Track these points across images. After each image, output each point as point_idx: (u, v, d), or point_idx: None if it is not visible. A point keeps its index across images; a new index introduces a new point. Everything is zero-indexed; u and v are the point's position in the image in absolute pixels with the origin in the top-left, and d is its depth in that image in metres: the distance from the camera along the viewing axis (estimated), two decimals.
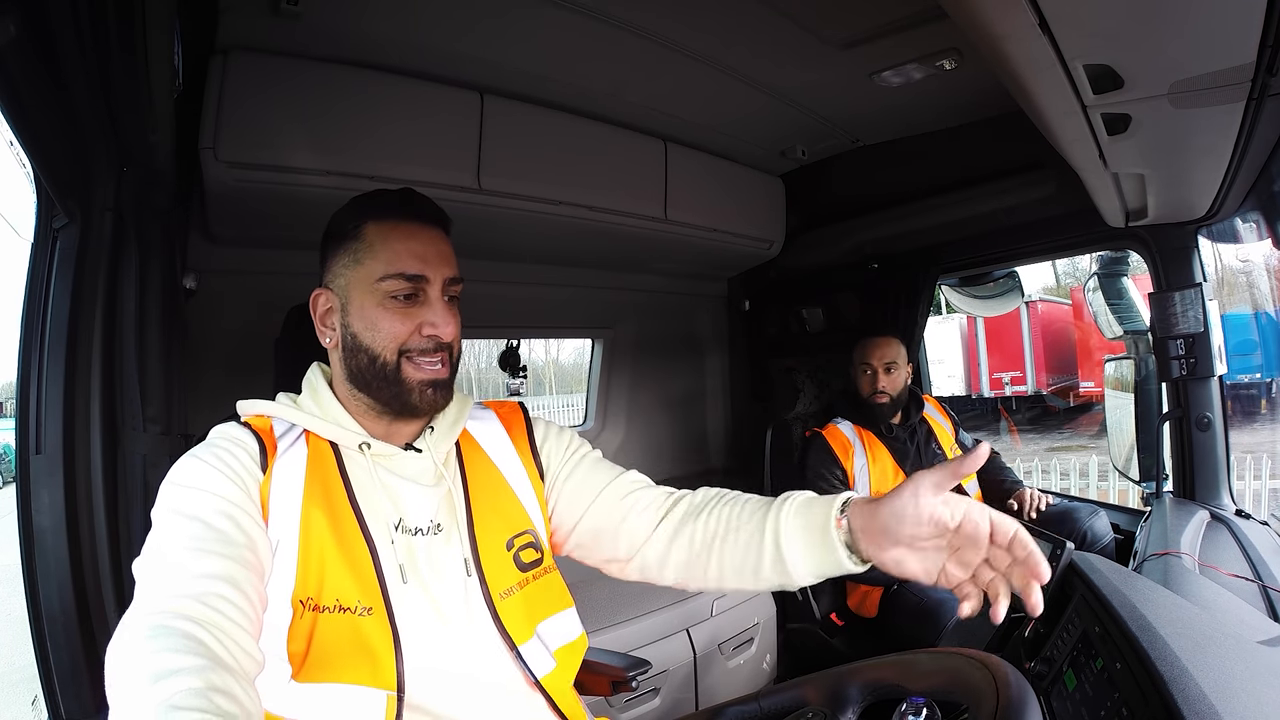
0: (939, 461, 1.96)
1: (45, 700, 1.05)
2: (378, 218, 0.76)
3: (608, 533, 0.85)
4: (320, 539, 0.71)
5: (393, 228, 0.76)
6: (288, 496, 0.72)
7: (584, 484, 0.87)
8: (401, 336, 0.75)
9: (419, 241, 0.76)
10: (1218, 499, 1.65)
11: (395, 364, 0.75)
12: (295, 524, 0.70)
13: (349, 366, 0.77)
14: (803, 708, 0.68)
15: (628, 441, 2.75)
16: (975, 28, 0.79)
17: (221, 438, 0.73)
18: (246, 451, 0.72)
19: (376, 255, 0.75)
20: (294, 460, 0.74)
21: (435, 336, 0.76)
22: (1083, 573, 0.93)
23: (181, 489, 0.67)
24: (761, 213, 2.41)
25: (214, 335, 1.61)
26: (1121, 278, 2.21)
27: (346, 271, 0.76)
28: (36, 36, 0.84)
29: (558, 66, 1.59)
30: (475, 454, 0.86)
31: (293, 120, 1.38)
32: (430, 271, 0.76)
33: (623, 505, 0.84)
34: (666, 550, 0.81)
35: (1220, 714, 0.56)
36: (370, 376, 0.76)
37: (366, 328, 0.75)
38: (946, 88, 1.72)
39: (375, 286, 0.75)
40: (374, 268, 0.75)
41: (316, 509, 0.72)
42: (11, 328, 1.08)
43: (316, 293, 0.79)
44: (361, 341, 0.76)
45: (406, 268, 0.75)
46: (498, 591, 0.78)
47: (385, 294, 0.75)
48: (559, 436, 0.91)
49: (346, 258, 0.76)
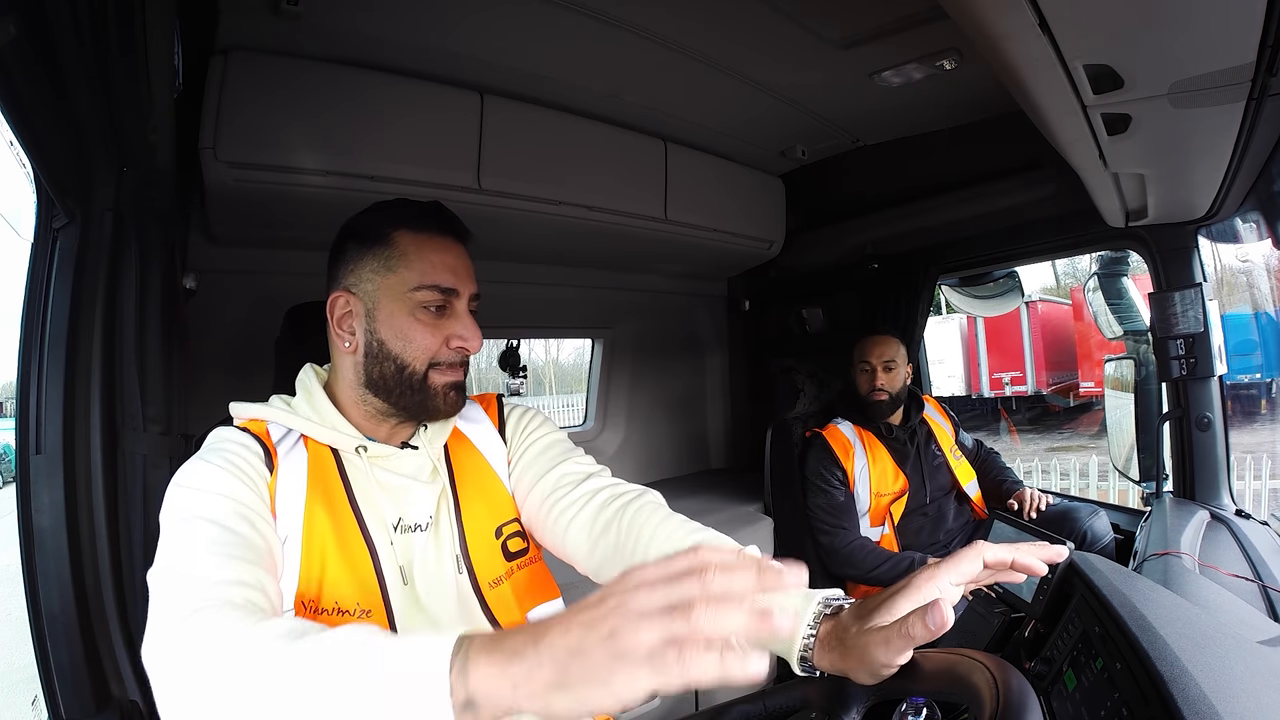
0: (939, 462, 1.98)
1: (45, 700, 1.05)
2: (412, 227, 0.76)
3: (539, 519, 0.83)
4: (322, 541, 0.71)
5: (427, 239, 0.76)
6: (292, 498, 0.72)
7: (530, 466, 0.86)
8: (432, 349, 0.76)
9: (452, 255, 0.77)
10: (1218, 499, 1.65)
11: (423, 374, 0.76)
12: (299, 525, 0.71)
13: (369, 372, 0.77)
14: (805, 708, 0.68)
15: (627, 442, 2.75)
16: (975, 28, 0.79)
17: (225, 440, 0.72)
18: (254, 453, 0.72)
19: (411, 264, 0.75)
20: (296, 463, 0.74)
21: (464, 349, 0.78)
22: (1083, 573, 0.93)
23: (193, 492, 0.66)
24: (761, 213, 2.41)
25: (214, 335, 1.61)
26: (1121, 278, 2.21)
27: (375, 277, 0.76)
28: (36, 37, 0.83)
29: (558, 66, 1.59)
30: (463, 447, 0.86)
31: (293, 120, 1.38)
32: (461, 285, 0.77)
33: (554, 492, 0.82)
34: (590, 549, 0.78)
35: (1220, 714, 0.56)
36: (394, 384, 0.76)
37: (396, 337, 0.76)
38: (946, 88, 1.72)
39: (408, 296, 0.75)
40: (407, 277, 0.75)
41: (319, 511, 0.72)
42: (11, 328, 1.08)
43: (335, 295, 0.78)
44: (390, 350, 0.76)
45: (441, 280, 0.76)
46: (486, 581, 0.79)
47: (417, 304, 0.75)
48: (522, 418, 0.91)
49: (375, 262, 0.76)
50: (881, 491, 1.92)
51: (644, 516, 0.77)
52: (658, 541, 0.74)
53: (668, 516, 0.77)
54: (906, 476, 1.93)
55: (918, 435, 2.00)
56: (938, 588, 0.59)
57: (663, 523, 0.76)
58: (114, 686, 1.07)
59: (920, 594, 0.59)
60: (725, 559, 0.40)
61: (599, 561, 0.78)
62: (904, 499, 1.92)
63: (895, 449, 1.97)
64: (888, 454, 1.96)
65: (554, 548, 0.83)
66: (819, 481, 1.93)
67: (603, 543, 0.77)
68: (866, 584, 1.86)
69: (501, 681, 0.40)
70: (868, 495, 1.92)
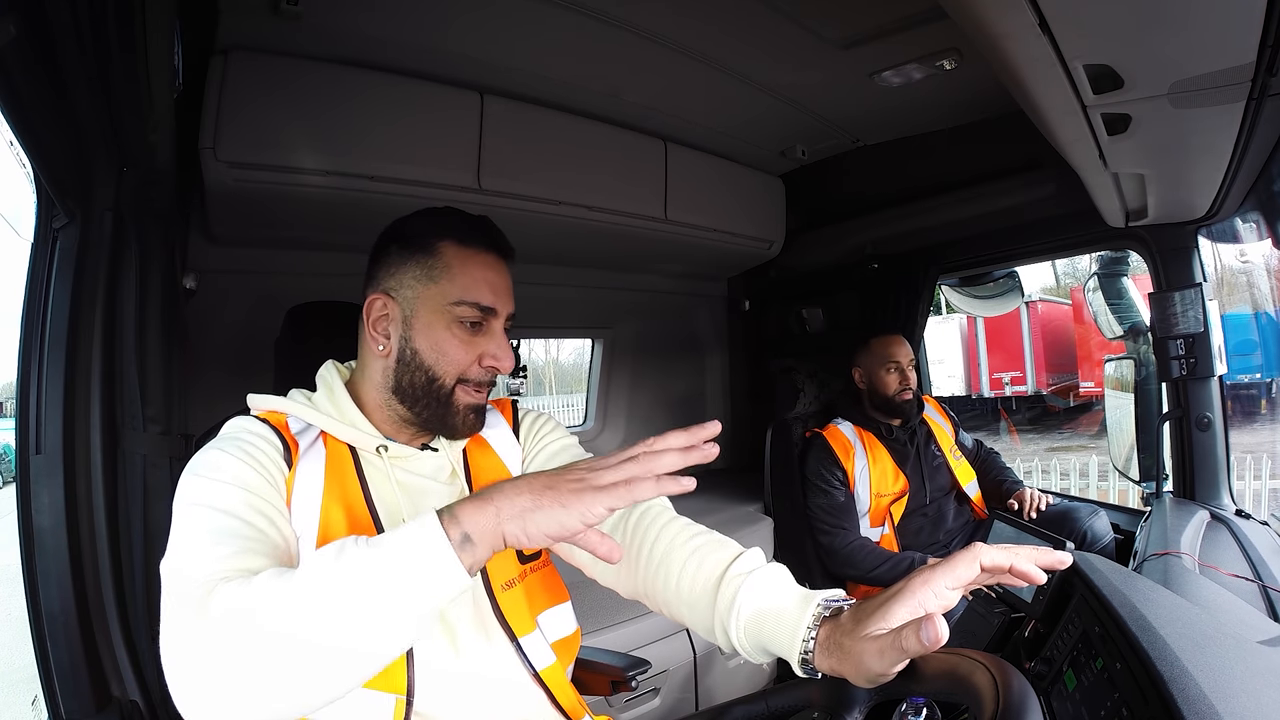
0: (939, 462, 1.98)
1: (45, 700, 1.05)
2: (459, 239, 0.76)
3: None
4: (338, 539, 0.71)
5: (473, 254, 0.76)
6: (309, 496, 0.71)
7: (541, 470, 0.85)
8: (464, 365, 0.76)
9: (495, 273, 0.77)
10: (1218, 499, 1.65)
11: (450, 389, 0.76)
12: (315, 523, 0.70)
13: (399, 378, 0.77)
14: (807, 708, 0.68)
15: (628, 441, 2.72)
16: (975, 28, 0.79)
17: (245, 431, 0.71)
18: (273, 446, 0.71)
19: (454, 278, 0.75)
20: (314, 460, 0.74)
21: (495, 369, 0.78)
22: (1083, 573, 0.93)
23: (212, 482, 0.64)
24: (761, 213, 2.41)
25: (214, 335, 1.61)
26: (1121, 278, 2.21)
27: (417, 285, 0.76)
28: (36, 37, 0.83)
29: (558, 66, 1.59)
30: (482, 450, 0.86)
31: (293, 120, 1.38)
32: (500, 305, 0.77)
33: None
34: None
35: (1220, 714, 0.56)
36: (420, 394, 0.76)
37: (431, 348, 0.75)
38: (946, 88, 1.72)
39: (447, 308, 0.75)
40: (449, 289, 0.75)
41: (336, 510, 0.72)
42: (11, 328, 1.08)
43: (373, 297, 0.77)
44: (423, 360, 0.76)
45: (482, 298, 0.75)
46: (499, 584, 0.78)
47: (455, 318, 0.75)
48: (535, 422, 0.91)
49: (418, 270, 0.76)
50: (881, 492, 1.92)
51: (648, 520, 0.77)
52: (662, 544, 0.74)
53: (672, 520, 0.77)
54: (906, 477, 1.93)
55: (918, 435, 2.00)
56: (933, 592, 0.58)
57: (666, 526, 0.76)
58: (114, 686, 1.07)
59: (915, 599, 0.58)
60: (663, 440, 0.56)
61: (605, 565, 0.77)
62: (904, 499, 1.92)
63: (895, 449, 1.97)
64: (888, 454, 1.95)
65: (562, 551, 0.82)
66: (819, 482, 1.93)
67: None
68: (866, 584, 1.86)
69: (486, 512, 0.52)
70: (868, 495, 1.92)
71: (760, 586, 0.67)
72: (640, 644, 1.63)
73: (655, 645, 1.69)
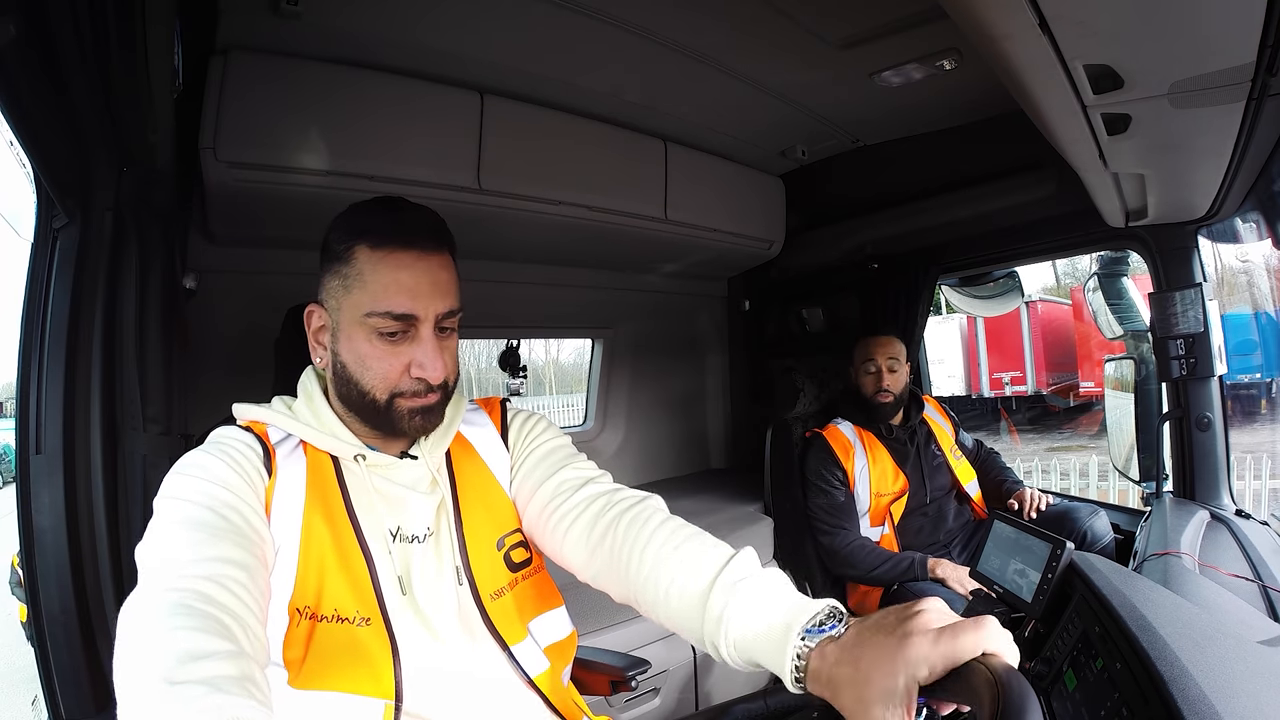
0: (939, 462, 1.98)
1: (45, 700, 1.05)
2: (371, 242, 0.70)
3: (539, 527, 0.81)
4: (320, 548, 0.71)
5: (384, 256, 0.70)
6: (290, 504, 0.71)
7: (531, 473, 0.83)
8: (392, 379, 0.72)
9: (411, 273, 0.70)
10: (1218, 499, 1.65)
11: (385, 401, 0.73)
12: (296, 532, 0.70)
13: (338, 390, 0.76)
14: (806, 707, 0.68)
15: (628, 442, 2.75)
16: (975, 28, 0.79)
17: (227, 438, 0.72)
18: (255, 453, 0.71)
19: (365, 286, 0.70)
20: (294, 469, 0.74)
21: (424, 379, 0.73)
22: (1083, 573, 0.93)
23: (190, 479, 0.66)
24: (761, 213, 2.41)
25: (214, 335, 1.62)
26: (1121, 278, 2.21)
27: (338, 295, 0.72)
28: (36, 36, 0.83)
29: (558, 66, 1.59)
30: (466, 455, 0.84)
31: (292, 120, 1.38)
32: (421, 309, 0.71)
33: (554, 499, 0.79)
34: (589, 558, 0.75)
35: (1220, 714, 0.56)
36: (358, 405, 0.74)
37: (356, 362, 0.72)
38: (946, 88, 1.72)
39: (363, 320, 0.71)
40: (361, 300, 0.70)
41: (317, 518, 0.72)
42: (11, 328, 1.08)
43: (310, 308, 0.76)
44: (350, 374, 0.73)
45: (394, 306, 0.70)
46: (487, 593, 0.77)
47: (372, 330, 0.71)
48: (525, 424, 0.88)
49: (336, 280, 0.72)
50: (881, 491, 1.92)
51: (639, 524, 0.72)
52: (651, 552, 0.70)
53: (661, 523, 0.72)
54: (906, 476, 1.93)
55: (918, 435, 2.00)
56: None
57: (656, 530, 0.71)
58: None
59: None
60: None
61: (596, 570, 0.75)
62: (904, 499, 1.92)
63: (895, 449, 1.97)
64: (888, 454, 1.95)
65: (554, 555, 0.80)
66: (819, 482, 1.93)
67: (600, 550, 0.74)
68: (866, 584, 1.86)
69: None
70: (868, 495, 1.92)
71: (746, 602, 0.61)
72: (640, 644, 1.64)
73: (655, 645, 1.69)
